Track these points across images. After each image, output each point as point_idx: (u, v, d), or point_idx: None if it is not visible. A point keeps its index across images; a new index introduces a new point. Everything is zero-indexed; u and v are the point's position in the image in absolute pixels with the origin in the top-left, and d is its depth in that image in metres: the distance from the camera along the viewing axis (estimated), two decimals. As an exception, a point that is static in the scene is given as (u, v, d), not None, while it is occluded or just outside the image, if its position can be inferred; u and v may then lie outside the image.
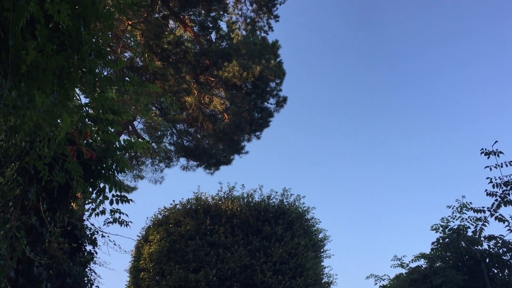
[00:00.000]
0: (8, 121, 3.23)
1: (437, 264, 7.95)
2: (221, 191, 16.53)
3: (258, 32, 16.23)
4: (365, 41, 40.23)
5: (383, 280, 8.96)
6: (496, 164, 7.53)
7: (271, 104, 16.78)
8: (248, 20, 15.96)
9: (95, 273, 8.03)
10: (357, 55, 40.64)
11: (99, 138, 4.83)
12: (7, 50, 2.89)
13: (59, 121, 4.03)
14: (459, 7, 35.49)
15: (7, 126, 3.37)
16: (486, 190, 7.63)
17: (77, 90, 6.02)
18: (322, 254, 16.75)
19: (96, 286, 7.94)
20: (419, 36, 38.05)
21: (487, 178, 7.58)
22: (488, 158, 7.58)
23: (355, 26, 40.88)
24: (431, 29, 37.60)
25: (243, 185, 20.69)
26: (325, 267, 16.53)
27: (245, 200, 16.21)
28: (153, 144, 16.95)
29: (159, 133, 17.02)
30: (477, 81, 36.43)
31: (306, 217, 16.58)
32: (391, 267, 8.77)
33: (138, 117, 16.01)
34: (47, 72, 3.20)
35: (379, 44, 39.81)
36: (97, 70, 4.73)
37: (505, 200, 7.51)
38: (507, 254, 7.49)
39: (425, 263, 8.25)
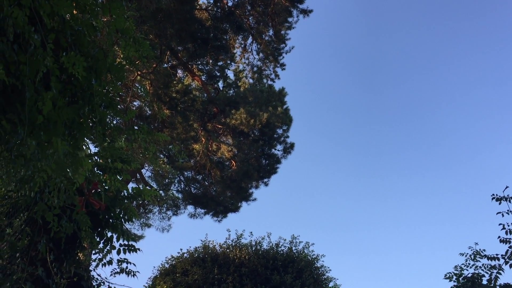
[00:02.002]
0: (19, 172, 3.26)
1: (453, 314, 7.70)
2: (229, 238, 16.34)
3: (264, 80, 16.53)
4: (366, 72, 40.75)
5: (397, 331, 8.65)
6: (508, 210, 7.41)
7: (278, 150, 16.87)
8: (255, 68, 16.29)
9: (101, 325, 7.83)
10: (360, 87, 41.06)
11: (107, 187, 4.83)
12: (22, 102, 2.95)
13: (69, 170, 4.06)
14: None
15: (18, 178, 3.39)
16: (499, 236, 7.48)
17: (86, 139, 6.11)
18: (333, 303, 16.33)
19: None
20: (422, 66, 38.50)
21: (500, 224, 7.45)
22: (500, 203, 7.47)
23: (354, 67, 41.54)
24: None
25: (251, 232, 20.46)
26: (336, 317, 16.08)
27: (253, 248, 15.99)
28: (161, 191, 16.93)
29: (166, 180, 17.04)
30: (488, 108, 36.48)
31: (315, 265, 16.28)
32: (405, 317, 8.49)
33: (146, 165, 16.08)
34: (58, 124, 3.25)
35: (383, 75, 40.27)
36: (107, 120, 4.81)
37: (519, 247, 7.35)
38: (525, 304, 7.26)
39: (440, 313, 8.00)
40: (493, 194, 7.53)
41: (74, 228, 4.56)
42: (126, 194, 6.51)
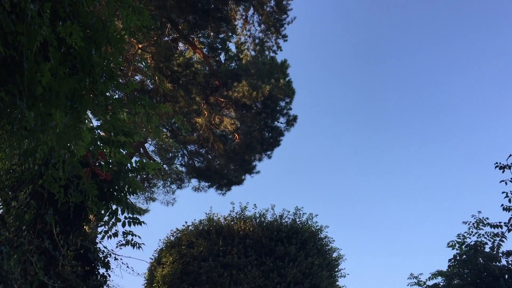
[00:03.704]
0: (23, 144, 3.26)
1: (455, 282, 7.78)
2: (233, 211, 16.46)
3: (266, 52, 16.35)
4: (371, 48, 40.37)
5: (400, 299, 8.78)
6: (511, 179, 7.43)
7: (281, 123, 16.82)
8: (257, 40, 16.10)
9: (109, 296, 7.97)
10: (364, 63, 40.73)
11: (111, 161, 4.83)
12: (21, 73, 2.93)
13: (72, 144, 4.06)
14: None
15: (22, 150, 3.39)
16: (502, 204, 7.51)
17: (88, 113, 6.09)
18: (337, 273, 16.51)
19: (110, 310, 7.88)
20: (429, 42, 38.10)
21: (503, 192, 7.47)
22: (503, 172, 7.47)
23: (358, 29, 41.09)
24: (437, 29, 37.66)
25: (255, 205, 20.58)
26: (340, 287, 16.29)
27: (258, 220, 16.11)
28: (165, 165, 17.00)
29: (170, 154, 17.08)
30: (491, 84, 36.25)
31: (319, 236, 16.41)
32: (407, 285, 8.58)
33: (149, 139, 16.10)
34: (60, 95, 3.23)
35: (388, 51, 39.90)
36: (108, 94, 4.79)
37: (522, 215, 7.38)
38: (527, 270, 7.33)
39: (442, 281, 8.07)
40: (497, 163, 7.54)
41: (81, 200, 4.59)
42: (129, 168, 6.54)
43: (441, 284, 8.02)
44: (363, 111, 41.04)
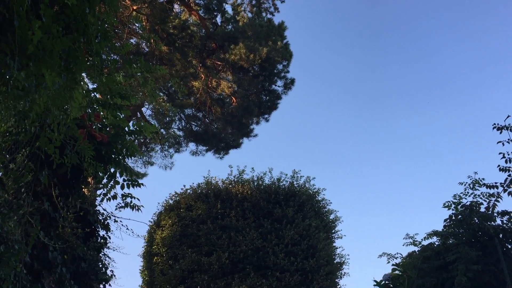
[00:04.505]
0: (18, 105, 3.22)
1: (450, 241, 7.91)
2: (231, 174, 16.56)
3: (263, 14, 16.05)
4: (371, 16, 39.78)
5: (396, 258, 8.93)
6: (508, 139, 7.44)
7: (278, 86, 16.70)
8: (254, 1, 15.78)
9: (109, 257, 8.10)
10: (364, 30, 40.22)
11: (109, 118, 4.80)
12: (12, 31, 2.86)
13: (67, 106, 4.02)
14: None
15: (16, 111, 3.35)
16: (498, 165, 7.54)
17: (84, 75, 6.01)
18: (334, 235, 16.78)
19: (110, 271, 8.02)
20: (427, 11, 37.53)
21: (500, 153, 7.50)
22: (501, 133, 7.48)
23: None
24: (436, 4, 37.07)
25: (252, 168, 20.72)
26: (337, 248, 16.57)
27: (255, 183, 16.23)
28: (162, 130, 16.96)
29: (167, 118, 17.01)
30: (487, 54, 35.98)
31: (316, 198, 16.59)
32: (403, 245, 8.73)
33: (146, 103, 16.00)
34: (54, 54, 3.17)
35: (387, 19, 39.34)
36: (103, 55, 4.71)
37: (518, 175, 7.43)
38: (521, 229, 7.45)
39: (437, 241, 8.21)
40: (494, 124, 7.54)
41: (78, 162, 4.58)
42: (127, 130, 6.51)
43: (436, 243, 8.15)
44: (362, 79, 40.77)
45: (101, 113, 5.64)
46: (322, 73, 41.59)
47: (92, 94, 5.72)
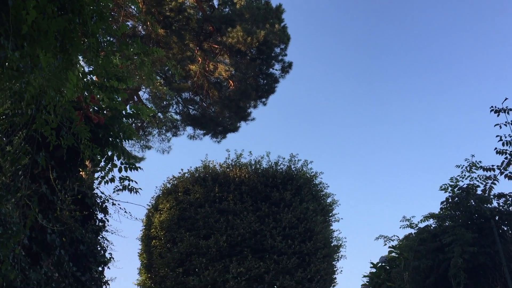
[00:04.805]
0: (13, 85, 3.19)
1: (447, 223, 7.97)
2: (228, 158, 16.58)
3: (261, -4, 15.92)
4: (369, 3, 39.51)
5: (393, 240, 9.02)
6: (506, 122, 7.45)
7: (276, 70, 16.62)
8: (251, -16, 15.63)
9: (108, 240, 8.14)
10: (363, 14, 39.95)
11: (105, 100, 4.78)
12: (7, 11, 2.82)
13: (63, 88, 3.99)
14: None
15: (12, 92, 3.33)
16: (495, 148, 7.56)
17: (80, 58, 5.97)
18: (331, 218, 16.89)
19: (109, 253, 8.06)
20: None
21: (497, 136, 7.51)
22: (498, 115, 7.50)
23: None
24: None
25: (250, 152, 20.69)
26: (334, 231, 16.69)
27: (253, 167, 16.27)
28: (159, 114, 16.91)
29: (164, 102, 16.93)
30: (482, 38, 35.83)
31: (314, 182, 16.65)
32: (400, 228, 8.80)
33: (143, 87, 15.91)
34: (49, 35, 3.14)
35: (386, 1, 39.07)
36: (99, 37, 4.66)
37: (515, 157, 7.46)
38: (517, 211, 7.50)
39: (434, 223, 8.27)
40: (492, 106, 7.55)
41: (75, 144, 4.57)
42: (124, 113, 6.50)
43: (433, 226, 8.21)
44: (361, 62, 40.60)
45: (97, 96, 5.61)
46: (320, 57, 41.42)
47: (89, 77, 5.70)
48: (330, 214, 16.96)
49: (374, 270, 9.97)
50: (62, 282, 5.80)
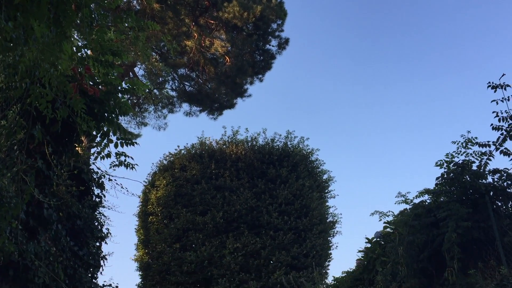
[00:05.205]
0: (6, 58, 3.15)
1: (441, 199, 7.99)
2: (225, 135, 16.57)
3: (257, -30, 15.64)
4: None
5: (388, 216, 9.05)
6: (503, 98, 7.39)
7: (273, 46, 16.46)
8: (247, -43, 15.33)
9: (105, 216, 8.17)
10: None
11: (100, 75, 4.72)
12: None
13: (57, 60, 3.94)
14: None
15: (6, 64, 3.28)
16: (492, 124, 7.54)
17: (75, 34, 5.88)
18: (327, 194, 17.01)
19: (106, 229, 8.11)
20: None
21: (493, 112, 7.48)
22: (495, 91, 7.43)
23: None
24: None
25: (246, 129, 20.72)
26: (329, 207, 16.84)
27: (249, 143, 16.28)
28: (155, 90, 16.78)
29: (160, 79, 16.79)
30: (480, 18, 35.56)
31: (310, 159, 16.71)
32: (395, 203, 8.81)
33: (139, 63, 15.75)
34: (42, 5, 3.08)
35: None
36: (93, 8, 4.58)
37: (510, 133, 7.43)
38: (511, 187, 7.52)
39: (429, 199, 8.29)
40: (489, 82, 7.49)
41: (70, 119, 4.54)
42: (120, 88, 6.44)
43: (428, 201, 8.24)
44: (358, 41, 40.28)
45: (93, 70, 5.56)
46: (318, 34, 41.07)
47: (83, 51, 5.63)
48: (326, 191, 17.07)
49: (369, 245, 10.05)
50: (60, 256, 5.84)
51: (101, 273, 7.70)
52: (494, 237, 6.95)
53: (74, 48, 4.94)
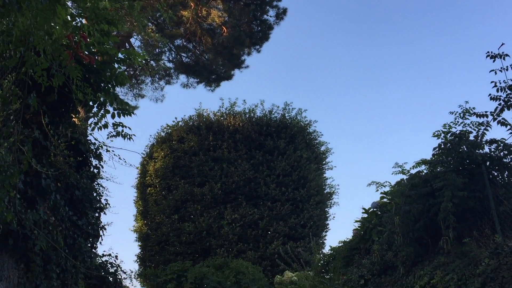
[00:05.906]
0: (0, 24, 3.10)
1: (438, 169, 8.02)
2: (222, 107, 16.55)
3: None
4: None
5: (384, 186, 9.09)
6: (501, 68, 7.35)
7: (270, 16, 16.24)
8: None
9: (103, 187, 8.20)
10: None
11: (95, 44, 4.67)
12: None
13: (51, 27, 3.88)
14: None
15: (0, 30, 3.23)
16: (490, 94, 7.51)
17: (69, 1, 5.78)
18: (324, 166, 17.11)
19: (105, 199, 8.16)
20: None
21: (492, 82, 7.44)
22: (494, 61, 7.38)
23: None
24: None
25: (244, 100, 20.70)
26: (327, 178, 16.97)
27: (247, 115, 16.28)
28: (152, 62, 16.62)
29: (157, 50, 16.61)
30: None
31: (308, 130, 16.74)
32: (392, 174, 8.85)
33: (135, 34, 15.54)
34: (34, -30, 3.02)
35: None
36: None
37: (508, 104, 7.41)
38: (508, 157, 7.53)
39: (426, 169, 8.31)
40: (488, 52, 7.43)
41: (66, 89, 4.50)
42: (116, 58, 6.37)
43: (425, 171, 8.27)
44: (355, 6, 39.72)
45: (88, 40, 5.48)
46: (314, 3, 40.48)
47: (78, 20, 5.54)
48: (324, 162, 17.16)
49: (365, 215, 10.14)
50: (59, 225, 5.88)
51: (100, 243, 7.79)
52: (490, 207, 7.01)
53: (69, 17, 4.87)
